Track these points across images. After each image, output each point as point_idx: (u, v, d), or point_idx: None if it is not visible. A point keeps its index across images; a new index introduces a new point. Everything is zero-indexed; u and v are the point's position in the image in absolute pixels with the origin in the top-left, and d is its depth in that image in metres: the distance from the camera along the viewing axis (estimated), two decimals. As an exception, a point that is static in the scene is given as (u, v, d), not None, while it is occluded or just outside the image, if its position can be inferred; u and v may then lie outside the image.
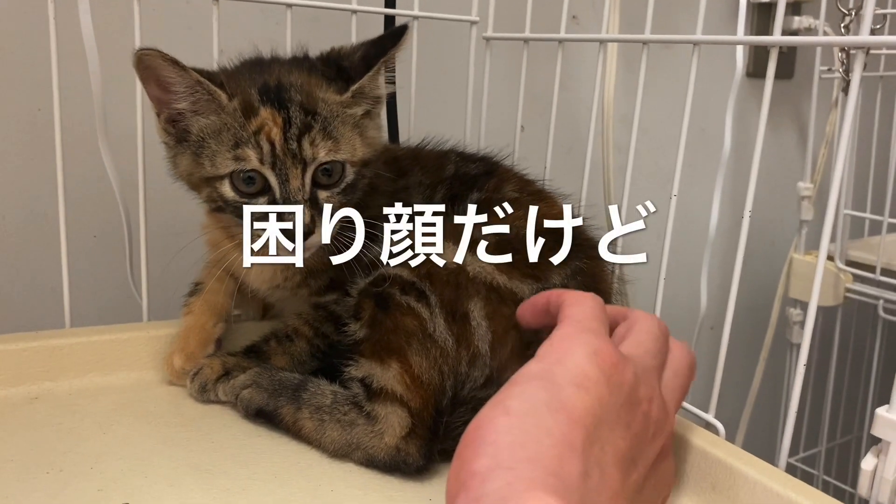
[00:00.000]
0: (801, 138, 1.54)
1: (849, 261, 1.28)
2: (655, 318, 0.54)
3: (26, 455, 0.59)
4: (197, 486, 0.56)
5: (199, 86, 0.63)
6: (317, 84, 0.65)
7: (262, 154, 0.61)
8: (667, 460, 0.50)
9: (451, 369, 0.59)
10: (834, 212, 0.58)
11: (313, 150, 0.62)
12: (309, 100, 0.64)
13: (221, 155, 0.62)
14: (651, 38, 0.75)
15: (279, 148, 0.62)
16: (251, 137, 0.62)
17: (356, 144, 0.66)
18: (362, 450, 0.59)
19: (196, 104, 0.64)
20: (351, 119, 0.66)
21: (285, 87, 0.64)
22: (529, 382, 0.43)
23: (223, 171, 0.63)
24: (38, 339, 0.71)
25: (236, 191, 0.63)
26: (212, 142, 0.63)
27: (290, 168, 0.62)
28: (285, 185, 0.62)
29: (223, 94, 0.63)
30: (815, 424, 1.40)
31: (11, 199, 0.92)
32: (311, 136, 0.62)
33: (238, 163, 0.62)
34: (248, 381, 0.65)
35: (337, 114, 0.64)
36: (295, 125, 0.62)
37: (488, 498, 0.36)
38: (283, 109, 0.62)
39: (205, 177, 0.64)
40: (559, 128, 0.92)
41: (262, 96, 0.63)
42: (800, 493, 0.51)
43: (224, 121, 0.63)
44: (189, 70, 0.62)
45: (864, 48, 0.55)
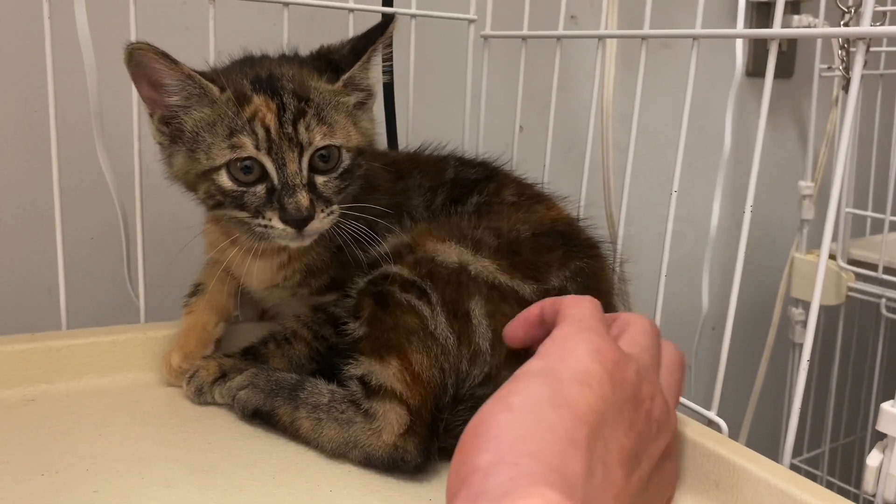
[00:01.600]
0: (801, 137, 1.53)
1: (851, 259, 1.28)
2: (647, 318, 0.54)
3: (22, 457, 0.58)
4: (194, 488, 0.55)
5: (191, 79, 0.63)
6: (308, 75, 0.66)
7: (258, 140, 0.62)
8: (671, 459, 0.50)
9: (452, 367, 0.59)
10: (835, 210, 0.57)
11: (309, 135, 0.63)
12: (301, 88, 0.64)
13: (217, 146, 0.63)
14: (650, 34, 0.74)
15: (274, 132, 0.62)
16: (245, 125, 0.62)
17: (350, 131, 0.66)
18: (360, 448, 0.58)
19: (188, 98, 0.64)
20: (344, 107, 0.66)
21: (277, 77, 0.64)
22: (532, 379, 0.43)
23: (219, 161, 0.63)
24: (34, 340, 0.70)
25: (234, 180, 0.63)
26: (206, 135, 0.63)
27: (287, 152, 0.62)
28: (282, 169, 0.62)
29: (214, 87, 0.63)
30: (819, 425, 1.39)
31: (8, 200, 0.92)
32: (305, 120, 0.63)
33: (234, 151, 0.62)
34: (244, 382, 0.64)
35: (329, 101, 0.65)
36: (289, 110, 0.62)
37: (490, 493, 0.36)
38: (277, 96, 0.62)
39: (201, 171, 0.64)
40: (558, 128, 0.91)
41: (255, 85, 0.63)
42: (804, 491, 0.51)
43: (217, 112, 0.63)
44: (180, 63, 0.63)
45: (865, 39, 0.54)
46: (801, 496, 0.50)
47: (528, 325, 0.55)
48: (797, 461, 1.37)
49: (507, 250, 0.63)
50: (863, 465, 0.57)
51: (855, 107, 0.57)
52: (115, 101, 0.78)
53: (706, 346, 0.87)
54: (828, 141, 1.30)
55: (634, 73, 0.76)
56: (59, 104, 0.73)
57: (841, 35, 1.03)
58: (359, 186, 0.68)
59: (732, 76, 0.69)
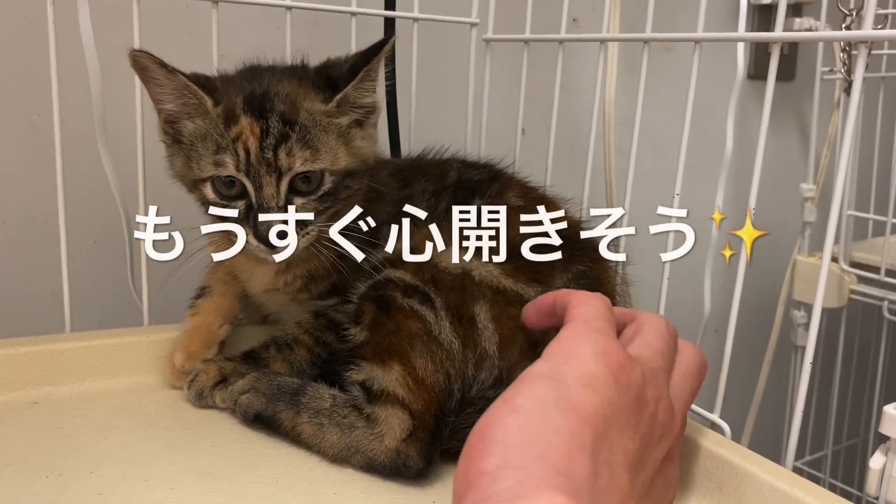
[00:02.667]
0: (803, 140, 1.53)
1: (853, 262, 1.28)
2: (663, 320, 0.53)
3: (26, 459, 0.58)
4: (198, 490, 0.55)
5: (187, 89, 0.64)
6: (304, 93, 0.66)
7: (238, 161, 0.63)
8: (672, 463, 0.50)
9: (457, 372, 0.59)
10: (837, 213, 0.57)
11: (289, 161, 0.63)
12: (291, 109, 0.64)
13: (205, 159, 0.64)
14: (652, 37, 0.74)
15: (254, 156, 0.63)
16: (230, 144, 0.63)
17: (339, 154, 0.66)
18: (362, 453, 0.58)
19: (185, 106, 0.65)
20: (335, 128, 0.66)
21: (270, 97, 0.65)
22: (537, 381, 0.43)
23: (205, 174, 0.64)
24: (38, 343, 0.70)
25: (217, 193, 0.65)
26: (199, 145, 0.65)
27: (264, 176, 0.63)
28: (259, 192, 0.63)
29: (209, 100, 0.64)
30: (821, 427, 1.39)
31: (11, 203, 0.92)
32: (287, 146, 0.63)
33: (217, 168, 0.63)
34: (246, 387, 0.64)
35: (319, 122, 0.65)
36: (272, 135, 0.63)
37: (498, 497, 0.36)
38: (263, 119, 0.63)
39: (193, 178, 0.65)
40: (560, 131, 0.91)
41: (246, 105, 0.64)
42: (807, 493, 0.51)
43: (210, 125, 0.64)
44: (177, 73, 0.63)
45: (867, 43, 0.55)
46: (805, 498, 0.50)
47: (541, 313, 0.55)
48: (800, 464, 1.36)
49: (510, 253, 0.63)
50: (866, 467, 0.57)
51: (857, 109, 0.57)
52: (118, 105, 0.78)
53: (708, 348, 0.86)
54: (829, 144, 1.30)
55: (636, 77, 0.76)
56: (62, 108, 0.74)
57: (843, 39, 1.04)
58: (361, 198, 0.68)
59: (734, 79, 0.69)
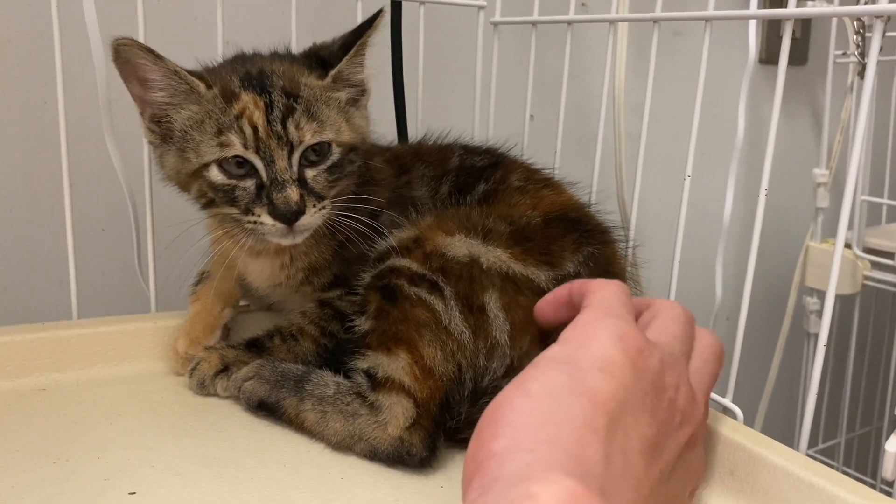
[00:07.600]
0: (815, 125, 1.52)
1: (866, 248, 1.26)
2: (680, 305, 0.52)
3: (33, 445, 0.58)
4: (204, 476, 0.55)
5: (176, 75, 0.63)
6: (298, 71, 0.66)
7: (246, 139, 0.62)
8: (695, 449, 0.48)
9: (469, 362, 0.58)
10: (851, 198, 0.56)
11: (299, 133, 0.62)
12: (291, 84, 0.64)
13: (206, 143, 0.62)
14: (661, 16, 0.73)
15: (262, 131, 0.61)
16: (233, 122, 0.62)
17: (342, 127, 0.66)
18: (365, 441, 0.58)
19: (175, 95, 0.63)
20: (335, 103, 0.66)
21: (266, 74, 0.64)
22: (551, 365, 0.42)
23: (208, 158, 0.62)
24: (45, 330, 0.70)
25: (225, 173, 0.63)
26: (195, 133, 0.63)
27: (276, 150, 0.62)
28: (271, 166, 0.62)
29: (201, 84, 0.63)
30: (834, 415, 1.37)
31: (18, 192, 0.92)
32: (294, 118, 0.62)
33: (223, 150, 0.62)
34: (250, 373, 0.64)
35: (320, 96, 0.65)
36: (277, 108, 0.62)
37: (506, 479, 0.35)
38: (265, 93, 0.62)
39: (192, 170, 0.64)
40: (570, 116, 0.90)
41: (243, 82, 0.63)
42: (821, 477, 0.50)
43: (205, 109, 0.63)
44: (165, 59, 0.62)
45: (883, 17, 0.53)
46: (819, 482, 0.50)
47: (557, 306, 0.54)
48: (813, 451, 1.35)
49: (519, 237, 0.62)
50: (879, 455, 0.57)
51: (871, 90, 0.56)
52: (123, 92, 0.77)
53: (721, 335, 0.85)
54: (843, 128, 1.29)
55: (646, 62, 0.75)
56: (68, 96, 0.73)
57: (857, 13, 1.02)
58: (356, 182, 0.68)
59: (745, 64, 0.68)
